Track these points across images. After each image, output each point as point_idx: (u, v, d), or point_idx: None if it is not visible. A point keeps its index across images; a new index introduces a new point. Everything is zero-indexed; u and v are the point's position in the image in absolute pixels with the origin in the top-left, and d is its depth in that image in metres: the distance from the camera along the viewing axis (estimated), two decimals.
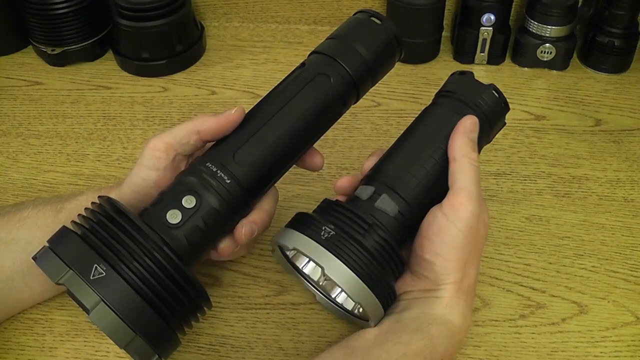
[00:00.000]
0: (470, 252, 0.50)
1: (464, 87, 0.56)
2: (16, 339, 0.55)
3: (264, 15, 0.94)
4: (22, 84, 0.85)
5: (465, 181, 0.50)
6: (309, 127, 0.52)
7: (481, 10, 0.81)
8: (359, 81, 0.54)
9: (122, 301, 0.42)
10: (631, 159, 0.72)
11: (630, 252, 0.62)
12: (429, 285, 0.50)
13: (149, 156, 0.50)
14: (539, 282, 0.60)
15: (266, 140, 0.50)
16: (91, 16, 0.85)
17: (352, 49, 0.53)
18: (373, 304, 0.47)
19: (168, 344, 0.45)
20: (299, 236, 0.47)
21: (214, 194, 0.48)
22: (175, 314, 0.45)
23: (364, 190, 0.51)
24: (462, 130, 0.52)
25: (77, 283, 0.42)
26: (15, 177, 0.72)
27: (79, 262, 0.43)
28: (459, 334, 0.50)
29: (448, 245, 0.49)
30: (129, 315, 0.42)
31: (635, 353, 0.54)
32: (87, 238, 0.44)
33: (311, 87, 0.52)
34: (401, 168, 0.52)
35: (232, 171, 0.48)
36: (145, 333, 0.43)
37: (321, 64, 0.53)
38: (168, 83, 0.85)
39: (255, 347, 0.55)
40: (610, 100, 0.81)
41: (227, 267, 0.61)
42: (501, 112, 0.57)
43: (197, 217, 0.47)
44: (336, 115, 0.55)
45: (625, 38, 0.82)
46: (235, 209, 0.49)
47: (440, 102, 0.56)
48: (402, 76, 0.84)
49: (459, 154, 0.51)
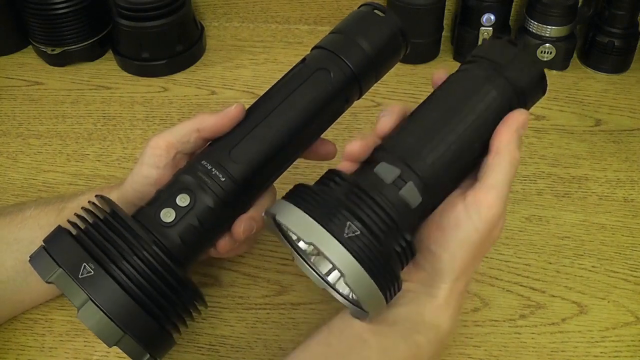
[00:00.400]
0: (476, 256, 0.46)
1: (508, 58, 0.48)
2: (16, 339, 0.55)
3: (264, 15, 0.94)
4: (22, 84, 0.85)
5: (500, 180, 0.45)
6: (308, 122, 0.51)
7: (481, 10, 0.81)
8: (361, 76, 0.52)
9: (110, 300, 0.42)
10: (631, 159, 0.72)
11: (630, 252, 0.62)
12: (425, 280, 0.47)
13: (150, 154, 0.50)
14: (539, 282, 0.60)
15: (264, 137, 0.49)
16: (91, 16, 0.85)
17: (354, 43, 0.52)
18: (380, 308, 0.43)
19: (160, 343, 0.45)
20: (319, 230, 0.40)
21: (208, 192, 0.47)
22: (167, 313, 0.44)
23: (386, 170, 0.44)
24: (515, 124, 0.46)
25: (66, 282, 0.42)
26: (15, 177, 0.72)
27: (69, 261, 0.43)
28: (446, 338, 0.47)
29: (460, 242, 0.45)
30: (117, 314, 0.42)
31: (635, 353, 0.54)
32: (79, 237, 0.44)
33: (311, 83, 0.51)
34: (427, 146, 0.45)
35: (227, 169, 0.48)
36: (134, 332, 0.42)
37: (322, 58, 0.52)
38: (168, 83, 0.85)
39: (255, 347, 0.55)
40: (610, 100, 0.81)
41: (227, 267, 0.61)
42: (537, 97, 0.50)
43: (191, 215, 0.47)
44: (338, 111, 0.53)
45: (625, 38, 0.82)
46: (232, 206, 0.49)
47: (476, 70, 0.49)
48: (402, 76, 0.84)
49: (504, 148, 0.46)
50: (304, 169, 0.71)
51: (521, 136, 0.47)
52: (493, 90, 0.47)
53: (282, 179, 0.53)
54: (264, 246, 0.62)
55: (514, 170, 0.46)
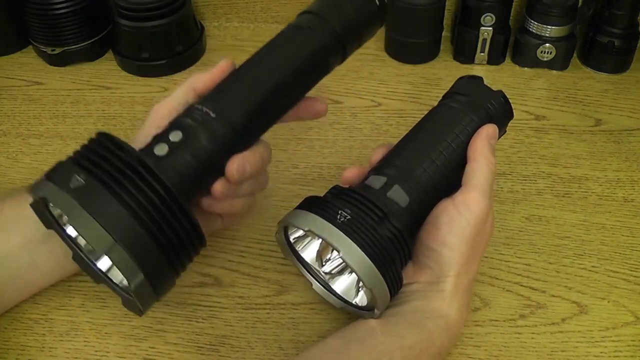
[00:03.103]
0: (475, 248, 0.51)
1: (473, 90, 0.57)
2: (16, 339, 0.55)
3: (264, 15, 0.94)
4: (22, 84, 0.85)
5: (481, 180, 0.52)
6: (292, 72, 0.53)
7: (481, 10, 0.81)
8: (341, 33, 0.54)
9: (100, 208, 0.41)
10: (631, 159, 0.72)
11: (630, 252, 0.62)
12: (432, 278, 0.51)
13: (153, 119, 0.52)
14: (539, 282, 0.60)
15: (249, 82, 0.52)
16: (91, 16, 0.85)
17: (334, 3, 0.55)
18: (383, 292, 0.48)
19: (157, 270, 0.43)
20: (314, 218, 0.47)
21: (201, 128, 0.48)
22: (161, 231, 0.43)
23: (375, 180, 0.52)
24: (485, 135, 0.54)
25: (57, 194, 0.42)
26: (15, 177, 0.72)
27: (61, 175, 0.43)
28: (455, 328, 0.50)
29: (456, 235, 0.50)
30: (109, 222, 0.41)
31: (635, 353, 0.54)
32: (76, 160, 0.45)
33: (293, 38, 0.54)
34: (413, 161, 0.53)
35: (217, 108, 0.49)
36: (127, 243, 0.41)
37: (303, 20, 0.55)
38: (168, 83, 0.85)
39: (255, 347, 0.55)
40: (610, 100, 0.81)
41: (227, 267, 0.61)
42: (506, 119, 0.59)
43: (184, 149, 0.47)
44: (322, 66, 0.55)
45: (625, 38, 0.82)
46: (225, 146, 0.49)
47: (450, 102, 0.57)
48: (402, 76, 0.84)
49: (479, 154, 0.53)
50: (304, 169, 0.71)
51: (493, 145, 0.54)
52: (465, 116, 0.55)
53: (287, 186, 0.53)
54: (264, 246, 0.63)
55: (492, 172, 0.53)
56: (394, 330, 0.48)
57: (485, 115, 0.56)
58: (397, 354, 0.47)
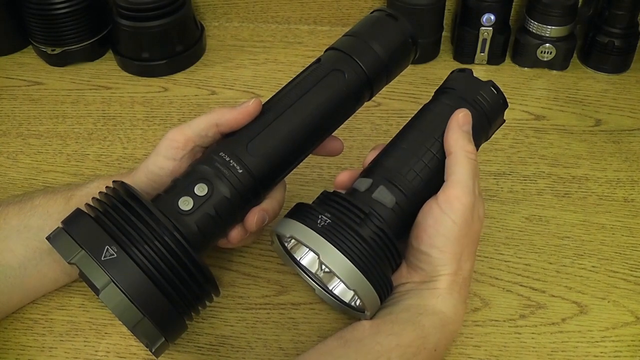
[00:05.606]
0: (466, 245, 0.51)
1: (463, 83, 0.57)
2: (16, 339, 0.55)
3: (264, 15, 0.94)
4: (22, 84, 0.85)
5: (460, 174, 0.51)
6: (322, 121, 0.53)
7: (481, 10, 0.81)
8: (373, 78, 0.55)
9: (131, 283, 0.43)
10: (631, 159, 0.72)
11: (630, 252, 0.62)
12: (425, 277, 0.51)
13: (167, 146, 0.52)
14: (539, 282, 0.60)
15: (279, 132, 0.51)
16: (91, 16, 0.85)
17: (368, 46, 0.54)
18: (368, 292, 0.48)
19: (175, 328, 0.46)
20: (296, 224, 0.48)
21: (226, 183, 0.49)
22: (183, 298, 0.45)
23: (362, 182, 0.52)
24: (456, 123, 0.52)
25: (89, 263, 0.43)
26: (15, 177, 0.72)
27: (91, 243, 0.44)
28: (451, 325, 0.50)
29: (443, 237, 0.49)
30: (138, 296, 0.43)
31: (635, 353, 0.54)
32: (100, 220, 0.45)
33: (326, 82, 0.53)
34: (400, 161, 0.52)
35: (244, 161, 0.49)
36: (153, 315, 0.43)
37: (336, 60, 0.54)
38: (168, 83, 0.85)
39: (255, 347, 0.55)
40: (610, 100, 0.81)
41: (227, 267, 0.61)
42: (500, 109, 0.57)
43: (208, 205, 0.48)
44: (349, 111, 0.56)
45: (625, 38, 0.82)
46: (247, 198, 0.50)
47: (440, 98, 0.57)
48: (402, 76, 0.83)
49: (455, 146, 0.52)
50: (304, 169, 0.71)
51: (468, 131, 0.52)
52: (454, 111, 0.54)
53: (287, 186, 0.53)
54: (264, 246, 0.63)
55: (473, 163, 0.51)
56: (390, 329, 0.48)
57: (476, 107, 0.55)
58: (395, 352, 0.47)
